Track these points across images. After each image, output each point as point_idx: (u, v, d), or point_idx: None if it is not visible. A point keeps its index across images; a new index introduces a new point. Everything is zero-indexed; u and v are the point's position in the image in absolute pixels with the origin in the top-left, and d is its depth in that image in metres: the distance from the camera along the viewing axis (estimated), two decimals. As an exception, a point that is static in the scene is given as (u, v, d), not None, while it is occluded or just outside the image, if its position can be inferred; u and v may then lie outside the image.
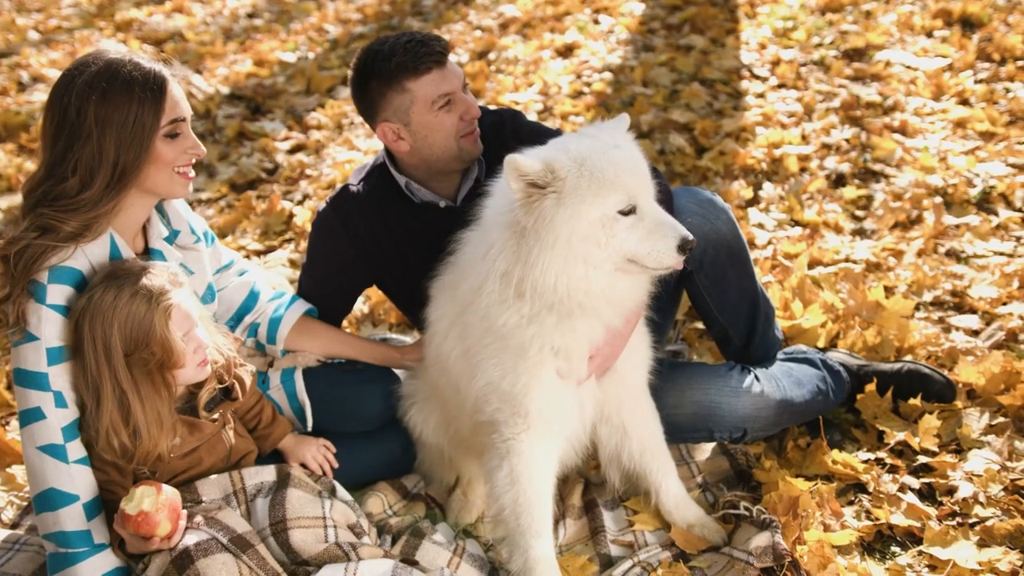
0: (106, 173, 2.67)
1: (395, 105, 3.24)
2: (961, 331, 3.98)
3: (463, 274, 2.92)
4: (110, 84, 2.66)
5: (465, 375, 2.98)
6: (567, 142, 2.73)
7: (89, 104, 2.64)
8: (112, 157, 2.67)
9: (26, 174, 6.24)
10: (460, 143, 3.27)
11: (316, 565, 2.79)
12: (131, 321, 2.65)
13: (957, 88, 6.36)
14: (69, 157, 2.67)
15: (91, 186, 2.67)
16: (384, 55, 3.21)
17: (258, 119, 7.39)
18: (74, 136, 2.66)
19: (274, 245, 5.35)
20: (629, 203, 2.63)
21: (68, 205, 2.67)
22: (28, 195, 2.76)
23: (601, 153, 2.63)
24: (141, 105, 2.69)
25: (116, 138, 2.66)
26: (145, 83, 2.69)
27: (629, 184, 2.62)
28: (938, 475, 3.19)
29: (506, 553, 2.97)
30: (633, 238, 2.63)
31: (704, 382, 3.29)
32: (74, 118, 2.65)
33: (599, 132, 2.77)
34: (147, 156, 2.73)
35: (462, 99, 3.26)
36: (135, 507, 2.60)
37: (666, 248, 2.64)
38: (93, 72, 2.67)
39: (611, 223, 2.61)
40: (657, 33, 8.28)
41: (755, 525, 2.96)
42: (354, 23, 9.84)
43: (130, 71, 2.69)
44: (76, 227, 2.69)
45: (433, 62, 3.19)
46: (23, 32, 10.19)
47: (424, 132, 3.25)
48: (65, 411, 2.68)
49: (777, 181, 5.55)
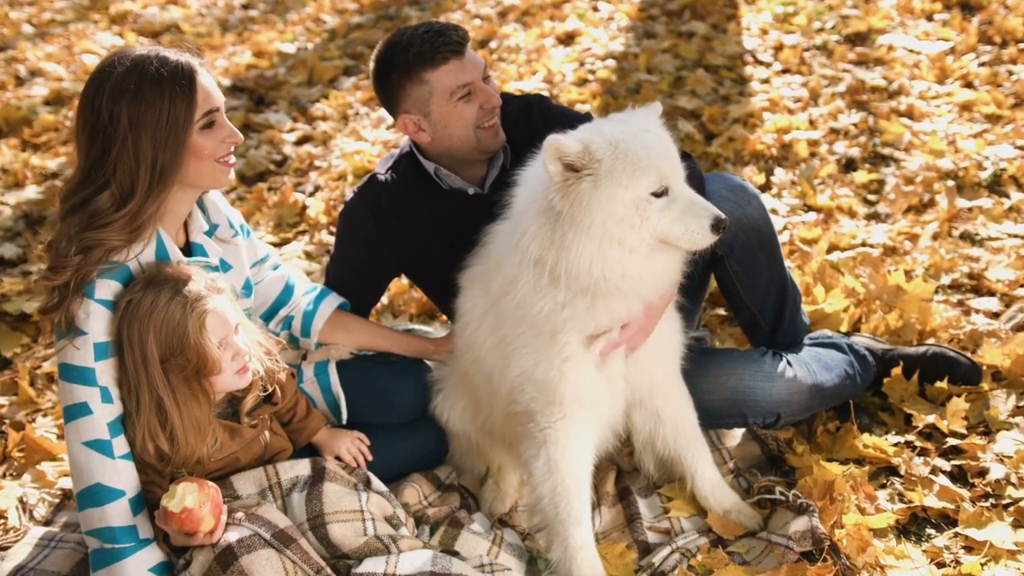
0: (146, 175, 2.65)
1: (414, 96, 3.24)
2: (981, 313, 4.01)
3: (496, 264, 2.93)
4: (139, 84, 2.63)
5: (499, 365, 3.00)
6: (600, 126, 2.76)
7: (120, 107, 2.62)
8: (150, 158, 2.64)
9: (32, 169, 6.25)
10: (478, 134, 3.27)
11: (357, 559, 2.80)
12: (166, 327, 2.65)
13: (961, 71, 6.40)
14: (106, 162, 2.65)
15: (132, 195, 2.65)
16: (402, 46, 3.21)
17: (262, 111, 7.35)
18: (109, 140, 2.64)
19: (288, 237, 5.34)
20: (662, 184, 2.65)
21: (110, 220, 2.64)
22: (65, 200, 2.73)
23: (633, 136, 2.65)
24: (172, 101, 2.66)
25: (151, 138, 2.64)
26: (174, 78, 2.66)
27: (661, 166, 2.65)
28: (968, 457, 3.22)
29: (545, 542, 3.00)
30: (666, 219, 2.66)
31: (738, 368, 3.31)
32: (107, 122, 2.62)
33: (630, 117, 2.80)
34: (185, 152, 2.70)
35: (482, 89, 3.25)
36: (178, 504, 2.60)
37: (700, 228, 2.67)
38: (120, 73, 2.65)
39: (644, 205, 2.64)
40: (657, 20, 8.28)
41: (791, 510, 2.98)
42: (351, 13, 9.79)
43: (158, 67, 2.66)
44: (122, 237, 2.67)
45: (451, 52, 3.18)
46: (17, 26, 10.09)
47: (444, 123, 3.25)
48: (111, 406, 2.68)
49: (788, 166, 5.57)
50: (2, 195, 6.00)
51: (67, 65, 8.63)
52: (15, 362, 4.30)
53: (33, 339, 4.48)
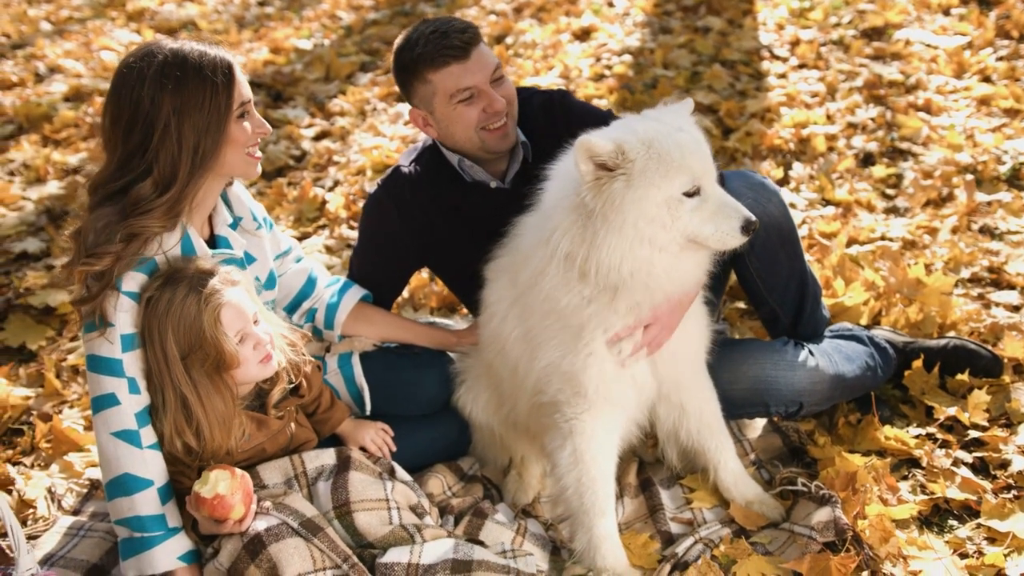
0: (187, 160, 2.69)
1: (420, 94, 3.28)
2: (1001, 307, 4.01)
3: (524, 257, 2.95)
4: (183, 72, 2.68)
5: (525, 356, 3.02)
6: (633, 124, 2.76)
7: (164, 94, 2.66)
8: (192, 143, 2.69)
9: (53, 165, 6.29)
10: (482, 135, 3.27)
11: (382, 548, 2.83)
12: (183, 323, 2.68)
13: (979, 66, 6.39)
14: (147, 149, 2.68)
15: (174, 181, 2.69)
16: (409, 45, 3.23)
17: (280, 106, 7.40)
18: (150, 128, 2.67)
19: (308, 232, 5.38)
20: (694, 184, 2.66)
21: (152, 207, 2.68)
22: (96, 189, 2.76)
23: (667, 135, 2.66)
24: (215, 90, 2.71)
25: (194, 124, 2.68)
26: (215, 68, 2.72)
27: (694, 166, 2.65)
28: (990, 449, 3.22)
29: (569, 532, 3.02)
30: (697, 219, 2.67)
31: (760, 357, 3.32)
32: (148, 108, 2.66)
33: (662, 115, 2.80)
34: (224, 138, 2.75)
35: (485, 93, 3.22)
36: (211, 490, 2.63)
37: (730, 229, 2.68)
38: (161, 62, 2.69)
39: (676, 205, 2.64)
40: (673, 15, 8.29)
41: (814, 501, 2.99)
42: (367, 9, 9.84)
43: (199, 58, 2.71)
44: (162, 223, 2.71)
45: (453, 56, 3.17)
46: (35, 23, 10.17)
47: (446, 123, 3.28)
48: (138, 397, 2.71)
49: (805, 161, 5.57)
50: (24, 190, 6.06)
51: (86, 62, 8.70)
52: (41, 355, 4.35)
53: (58, 332, 4.53)
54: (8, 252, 5.30)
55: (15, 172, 6.40)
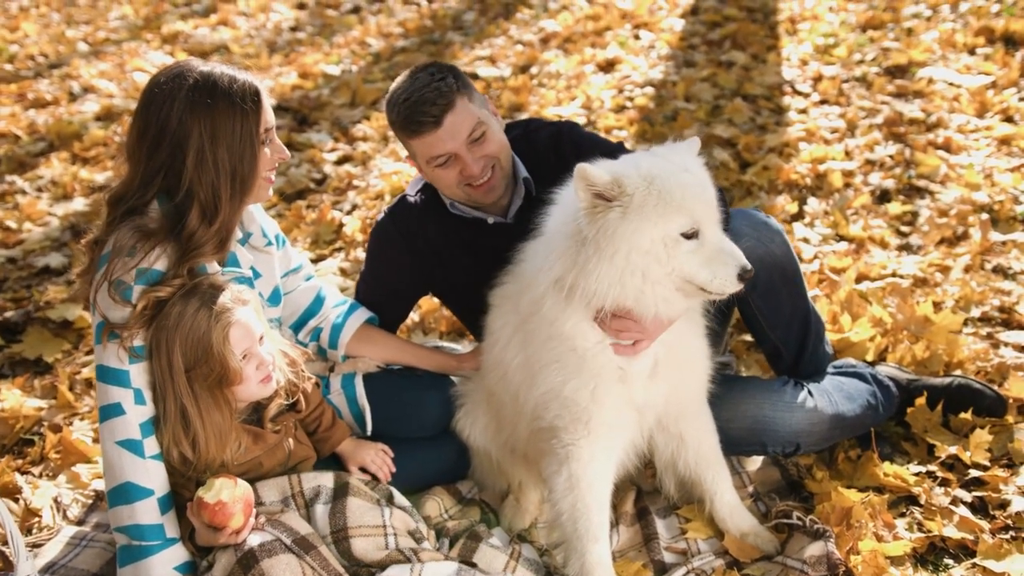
0: (227, 186, 2.76)
1: (406, 148, 3.36)
2: (1010, 347, 3.99)
3: (527, 284, 2.98)
4: (214, 97, 2.74)
5: (525, 382, 3.04)
6: (638, 159, 2.80)
7: (193, 117, 2.72)
8: (228, 168, 2.75)
9: (80, 182, 6.42)
10: (466, 191, 3.31)
11: (379, 567, 2.84)
12: (192, 337, 2.73)
13: (1001, 105, 6.37)
14: (179, 170, 2.74)
15: (218, 209, 2.76)
16: (389, 106, 3.29)
17: (305, 130, 7.51)
18: (178, 148, 2.73)
19: (324, 254, 5.45)
20: (693, 227, 2.69)
21: (204, 241, 2.77)
22: (116, 203, 2.82)
23: (671, 175, 2.69)
24: (245, 115, 2.77)
25: (228, 149, 2.75)
26: (244, 93, 2.78)
27: (695, 209, 2.68)
28: (990, 489, 3.20)
29: (562, 558, 3.03)
30: (694, 262, 2.70)
31: (758, 396, 3.32)
32: (175, 128, 2.72)
33: (670, 153, 2.83)
34: (258, 164, 2.82)
35: (460, 158, 3.22)
36: (214, 496, 2.68)
37: (726, 275, 2.70)
38: (191, 85, 2.74)
39: (673, 244, 2.67)
40: (698, 49, 8.35)
41: (808, 535, 2.99)
42: (396, 37, 9.97)
43: (228, 83, 2.77)
44: (215, 255, 2.83)
45: (424, 127, 3.18)
46: (72, 44, 10.41)
47: (431, 178, 3.37)
48: (143, 408, 2.76)
49: (821, 196, 5.58)
50: (50, 206, 6.19)
51: (119, 82, 8.88)
52: (56, 367, 4.43)
53: (74, 345, 4.61)
54: (31, 266, 5.42)
55: (43, 188, 6.55)
